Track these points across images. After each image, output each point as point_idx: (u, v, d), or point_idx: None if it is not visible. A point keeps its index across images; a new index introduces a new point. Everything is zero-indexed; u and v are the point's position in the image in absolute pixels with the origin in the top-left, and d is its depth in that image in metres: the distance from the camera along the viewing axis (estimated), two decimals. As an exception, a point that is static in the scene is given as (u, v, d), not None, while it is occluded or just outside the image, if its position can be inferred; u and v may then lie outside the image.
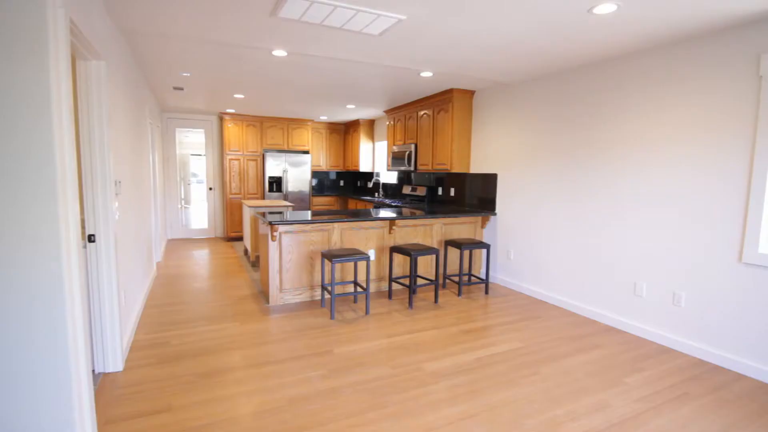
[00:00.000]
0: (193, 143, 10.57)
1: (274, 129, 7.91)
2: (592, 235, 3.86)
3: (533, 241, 4.50)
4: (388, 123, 6.89)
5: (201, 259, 6.14)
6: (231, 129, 7.58)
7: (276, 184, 7.87)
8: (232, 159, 7.64)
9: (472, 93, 5.28)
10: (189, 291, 4.50)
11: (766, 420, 2.31)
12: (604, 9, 2.60)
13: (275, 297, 4.10)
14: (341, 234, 4.33)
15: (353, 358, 2.97)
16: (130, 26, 3.12)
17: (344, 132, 8.87)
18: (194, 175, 12.47)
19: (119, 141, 3.04)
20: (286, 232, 4.07)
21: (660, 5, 2.53)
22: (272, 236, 3.96)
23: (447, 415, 2.28)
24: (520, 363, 2.93)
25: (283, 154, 7.88)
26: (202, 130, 7.88)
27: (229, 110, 7.23)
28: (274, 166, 7.82)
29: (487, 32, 3.08)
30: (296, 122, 8.07)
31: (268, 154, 7.76)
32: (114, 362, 2.69)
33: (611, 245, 3.69)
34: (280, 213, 4.57)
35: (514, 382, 2.66)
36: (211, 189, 8.05)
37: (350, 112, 7.25)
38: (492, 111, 5.03)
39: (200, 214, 10.11)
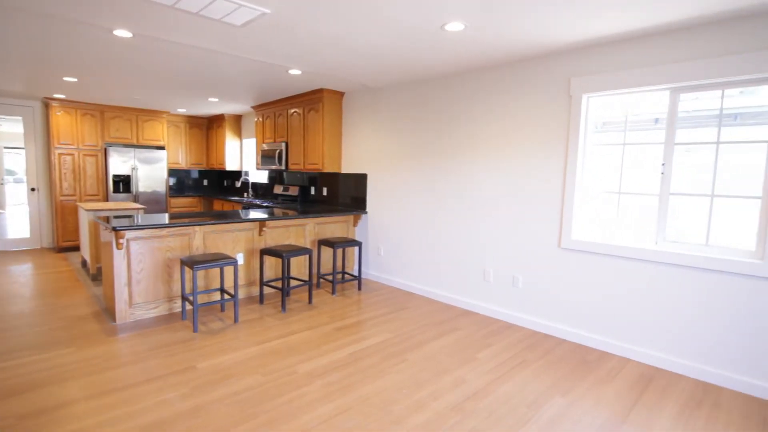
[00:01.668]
0: (7, 134, 8.56)
1: (120, 120, 6.90)
2: (449, 229, 4.29)
3: (401, 237, 4.80)
4: (256, 119, 6.59)
5: (22, 275, 5.03)
6: (61, 118, 6.37)
7: (123, 183, 6.88)
8: (63, 154, 6.42)
9: (341, 94, 5.37)
10: (5, 316, 3.65)
11: (580, 372, 2.86)
12: (454, 27, 2.90)
13: (124, 313, 3.58)
14: (204, 238, 4.00)
15: (221, 370, 2.77)
16: None
17: (207, 127, 8.19)
18: (10, 172, 10.12)
19: None
20: (137, 238, 3.59)
21: (497, 30, 2.92)
22: (118, 244, 3.45)
23: (321, 414, 2.29)
24: (390, 353, 3.10)
25: (132, 149, 6.92)
26: (19, 118, 6.45)
27: (57, 95, 6.06)
28: (120, 163, 6.82)
29: (352, 38, 3.16)
30: (148, 113, 7.17)
31: (112, 149, 6.73)
32: None
33: (465, 237, 4.15)
34: (129, 217, 4.01)
35: (384, 372, 2.80)
36: (34, 190, 6.65)
37: (213, 105, 6.72)
38: (361, 113, 5.19)
39: (20, 220, 8.30)
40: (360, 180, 5.27)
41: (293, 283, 4.69)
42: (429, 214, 4.48)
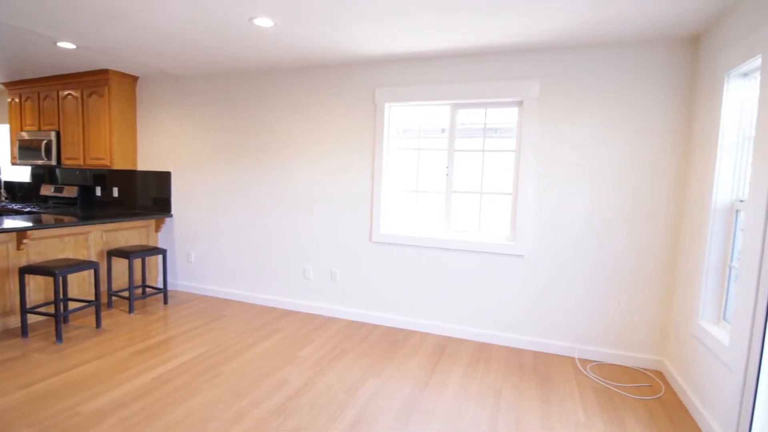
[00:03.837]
0: None
1: None
2: (269, 229, 4.19)
3: (215, 240, 4.45)
4: (10, 100, 5.11)
5: None
6: None
7: None
8: None
9: (135, 78, 4.63)
10: None
11: (391, 353, 3.18)
12: (262, 22, 2.82)
13: None
14: None
15: (-45, 434, 2.07)
16: None
17: None
18: None
19: None
20: None
21: (307, 34, 2.98)
22: None
23: (115, 456, 1.95)
24: (204, 368, 2.85)
25: None
26: None
27: None
28: None
29: (145, 14, 2.76)
30: None
31: None
32: None
33: (285, 237, 4.12)
34: None
35: (197, 390, 2.56)
36: None
37: (-68, 76, 4.91)
38: (163, 102, 4.58)
39: None
40: (163, 179, 4.65)
41: (73, 305, 3.83)
42: (247, 215, 4.28)
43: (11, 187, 5.80)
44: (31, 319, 3.58)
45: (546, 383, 2.82)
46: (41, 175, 5.54)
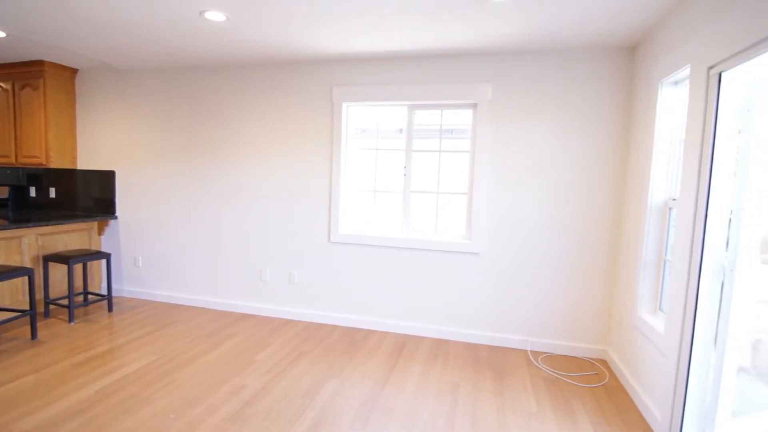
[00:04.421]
0: None
1: None
2: (223, 230, 4.05)
3: (164, 243, 4.24)
4: (-76, 92, 4.61)
5: None
6: None
7: None
8: None
9: (74, 71, 4.33)
10: None
11: (350, 353, 3.17)
12: (214, 16, 2.73)
13: None
14: None
15: None
16: None
17: None
18: None
19: None
20: None
21: (262, 30, 2.91)
22: None
23: (54, 476, 1.81)
24: (154, 377, 2.71)
25: None
26: None
27: None
28: None
29: (81, 2, 2.58)
30: None
31: None
32: None
33: (242, 238, 4.00)
34: None
35: (147, 401, 2.43)
36: None
37: None
38: (107, 98, 4.31)
39: None
40: (106, 178, 4.38)
41: (5, 315, 3.52)
42: (200, 216, 4.11)
43: (-71, 188, 5.24)
44: (-46, 332, 3.26)
45: (500, 376, 2.92)
46: (-35, 175, 5.04)
